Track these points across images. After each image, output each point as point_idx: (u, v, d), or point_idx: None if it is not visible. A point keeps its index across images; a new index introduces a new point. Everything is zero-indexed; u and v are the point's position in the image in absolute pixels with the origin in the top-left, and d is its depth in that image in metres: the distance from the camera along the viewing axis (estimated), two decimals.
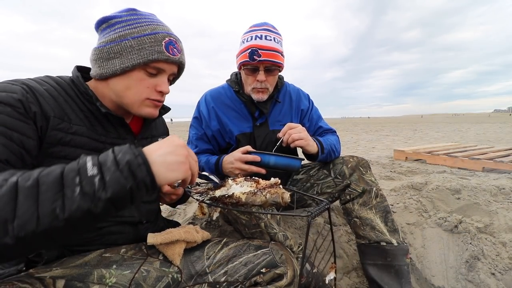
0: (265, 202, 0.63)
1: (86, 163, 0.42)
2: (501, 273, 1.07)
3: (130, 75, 0.66)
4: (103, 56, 0.65)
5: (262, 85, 1.09)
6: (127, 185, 0.42)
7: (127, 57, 0.64)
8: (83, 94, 0.66)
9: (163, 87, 0.70)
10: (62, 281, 0.54)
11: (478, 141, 5.84)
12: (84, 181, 0.40)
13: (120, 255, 0.67)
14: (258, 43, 1.05)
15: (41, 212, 0.38)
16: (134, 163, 0.43)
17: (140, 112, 0.70)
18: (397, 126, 14.74)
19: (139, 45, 0.64)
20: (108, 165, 0.42)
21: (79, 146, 0.61)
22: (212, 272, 0.69)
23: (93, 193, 0.40)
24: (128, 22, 0.66)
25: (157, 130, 0.87)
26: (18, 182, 0.39)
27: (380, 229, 1.02)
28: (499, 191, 1.51)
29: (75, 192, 0.39)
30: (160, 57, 0.66)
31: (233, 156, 1.02)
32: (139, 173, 0.43)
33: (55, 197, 0.39)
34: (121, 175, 0.42)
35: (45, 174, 0.41)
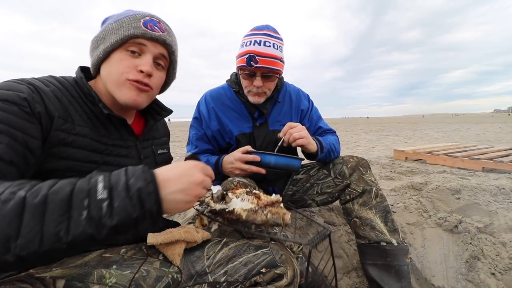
0: (265, 222, 0.63)
1: (98, 184, 0.42)
2: (501, 273, 1.07)
3: (112, 57, 0.66)
4: (93, 46, 0.68)
5: (258, 90, 1.10)
6: (134, 214, 0.42)
7: (108, 40, 0.65)
8: (86, 95, 0.66)
9: (144, 66, 0.65)
10: (62, 281, 0.54)
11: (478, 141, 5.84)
12: (92, 205, 0.40)
13: (120, 255, 0.67)
14: (256, 49, 1.04)
15: (45, 233, 0.37)
16: (145, 191, 0.43)
17: (122, 96, 0.66)
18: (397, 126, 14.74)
19: (118, 25, 0.65)
20: (119, 189, 0.42)
21: (81, 147, 0.61)
22: (212, 272, 0.69)
23: (99, 219, 0.40)
24: (118, 15, 0.68)
25: (159, 132, 0.87)
26: (26, 198, 0.38)
27: (380, 229, 1.02)
28: (499, 191, 1.51)
29: (81, 216, 0.39)
30: (137, 32, 0.64)
31: (233, 156, 1.02)
32: (148, 203, 0.43)
33: (61, 218, 0.38)
34: (130, 203, 0.42)
35: (55, 191, 0.40)
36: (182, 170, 0.51)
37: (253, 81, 1.08)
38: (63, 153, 0.59)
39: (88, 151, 0.62)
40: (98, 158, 0.64)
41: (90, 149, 0.63)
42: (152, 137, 0.82)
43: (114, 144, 0.68)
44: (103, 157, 0.65)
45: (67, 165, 0.59)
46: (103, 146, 0.66)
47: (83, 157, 0.61)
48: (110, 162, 0.67)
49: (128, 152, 0.71)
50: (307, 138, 1.03)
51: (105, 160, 0.66)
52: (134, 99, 0.67)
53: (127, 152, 0.71)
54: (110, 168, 0.66)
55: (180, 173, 0.50)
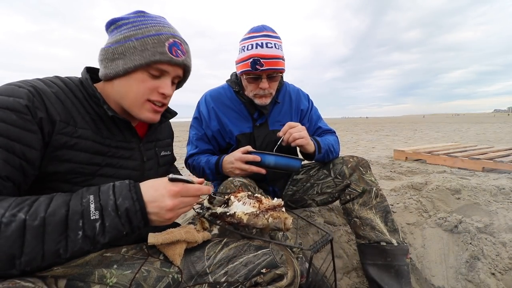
0: (266, 226, 0.63)
1: (90, 205, 0.46)
2: (501, 273, 1.07)
3: (132, 76, 0.65)
4: (108, 56, 0.65)
5: (265, 92, 1.09)
6: (123, 230, 0.48)
7: (130, 58, 0.64)
8: (91, 96, 0.66)
9: (165, 89, 0.68)
10: (63, 281, 0.54)
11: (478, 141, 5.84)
12: (86, 225, 0.45)
13: (121, 255, 0.67)
14: (259, 52, 1.04)
15: (46, 251, 0.42)
16: (132, 210, 0.49)
17: (140, 115, 0.69)
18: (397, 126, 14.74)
19: (142, 46, 0.64)
20: (108, 209, 0.47)
21: (83, 150, 0.61)
22: (213, 273, 0.69)
23: (94, 237, 0.46)
24: (134, 24, 0.66)
25: (162, 134, 0.87)
26: (26, 220, 0.42)
27: (380, 229, 1.02)
28: (499, 191, 1.51)
29: (78, 236, 0.44)
30: (163, 58, 0.65)
31: (233, 156, 1.02)
32: (135, 220, 0.50)
33: (59, 238, 0.43)
34: (120, 221, 0.47)
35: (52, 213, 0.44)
36: (156, 194, 0.54)
37: (259, 84, 1.08)
38: (65, 156, 0.59)
39: (90, 154, 0.62)
40: (101, 160, 0.64)
41: (92, 152, 0.63)
42: (155, 139, 0.82)
43: (117, 146, 0.68)
44: (106, 159, 0.65)
45: (70, 168, 0.59)
46: (106, 148, 0.65)
47: (86, 159, 0.61)
48: (112, 164, 0.67)
49: (131, 154, 0.71)
50: (306, 139, 1.04)
51: (108, 162, 0.66)
52: (152, 119, 0.71)
53: (130, 154, 0.71)
54: (113, 170, 0.66)
55: (153, 196, 0.53)
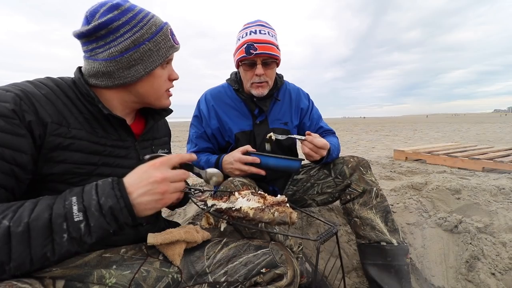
0: (272, 220, 0.63)
1: (72, 206, 0.46)
2: (501, 273, 1.07)
3: (153, 75, 0.69)
4: (123, 66, 0.63)
5: (261, 79, 1.10)
6: (110, 229, 0.48)
7: (149, 61, 0.66)
8: (84, 95, 0.65)
9: (174, 75, 0.75)
10: (61, 282, 0.54)
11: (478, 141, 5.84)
12: (71, 227, 0.45)
13: (120, 255, 0.66)
14: (253, 37, 1.06)
15: (34, 255, 0.43)
16: (117, 207, 0.48)
17: (161, 105, 0.75)
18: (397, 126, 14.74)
19: (156, 46, 0.66)
20: (92, 209, 0.46)
21: (78, 150, 0.60)
22: (212, 272, 0.69)
23: (80, 238, 0.45)
24: (131, 24, 0.63)
25: (159, 132, 0.87)
26: (10, 227, 0.42)
27: (380, 229, 1.02)
28: (499, 191, 1.51)
29: (63, 238, 0.44)
30: (173, 50, 0.71)
31: (233, 157, 1.02)
32: (121, 217, 0.49)
33: (45, 242, 0.43)
34: (105, 220, 0.47)
35: (35, 218, 0.44)
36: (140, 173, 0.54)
37: (255, 70, 1.09)
38: (60, 157, 0.58)
39: (86, 154, 0.62)
40: (97, 160, 0.64)
41: (88, 151, 0.62)
42: (152, 137, 0.82)
43: (112, 144, 0.67)
44: (102, 158, 0.65)
45: (66, 168, 0.58)
46: (102, 148, 0.65)
47: (81, 159, 0.61)
48: (109, 163, 0.66)
49: (127, 152, 0.71)
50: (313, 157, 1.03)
51: (104, 162, 0.65)
52: (169, 104, 0.78)
53: (126, 153, 0.71)
54: (109, 169, 0.66)
55: (139, 177, 0.53)
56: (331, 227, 0.73)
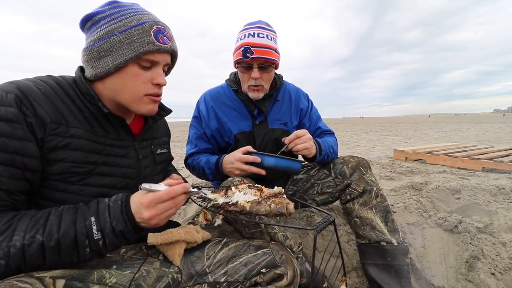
0: (269, 212, 0.63)
1: (92, 227, 0.55)
2: (501, 273, 1.07)
3: (124, 71, 0.64)
4: (93, 55, 0.63)
5: (256, 82, 1.10)
6: (121, 245, 0.59)
7: (118, 53, 0.62)
8: (85, 94, 0.65)
9: (159, 79, 0.68)
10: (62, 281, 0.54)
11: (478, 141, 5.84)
12: (91, 243, 0.55)
13: (120, 255, 0.67)
14: (250, 40, 1.06)
15: (63, 262, 0.53)
16: (125, 231, 0.56)
17: (139, 110, 0.69)
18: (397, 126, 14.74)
19: (128, 38, 0.62)
20: (107, 231, 0.55)
21: (77, 149, 0.60)
22: (212, 272, 0.69)
23: (98, 251, 0.56)
24: (112, 16, 0.63)
25: (158, 132, 0.86)
26: (44, 242, 0.51)
27: (380, 229, 1.02)
28: (499, 191, 1.51)
29: (86, 251, 0.54)
30: (151, 47, 0.63)
31: (234, 156, 1.02)
32: (130, 237, 0.58)
33: (72, 253, 0.53)
34: (117, 239, 0.56)
35: (63, 234, 0.52)
36: (135, 209, 0.57)
37: (250, 73, 1.09)
38: (59, 156, 0.58)
39: (85, 152, 0.62)
40: (96, 159, 0.64)
41: (87, 150, 0.62)
42: (151, 137, 0.82)
43: (111, 144, 0.67)
44: (101, 157, 0.65)
45: (65, 167, 0.59)
46: (101, 147, 0.65)
47: (81, 158, 0.61)
48: (108, 162, 0.66)
49: (126, 152, 0.71)
50: (310, 149, 1.04)
51: (104, 161, 0.65)
52: (152, 110, 0.71)
53: (125, 152, 0.71)
54: (109, 168, 0.66)
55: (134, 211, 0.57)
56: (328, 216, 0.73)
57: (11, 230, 0.50)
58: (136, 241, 0.73)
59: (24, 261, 0.50)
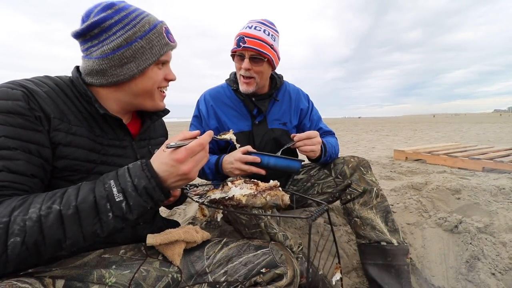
0: (265, 204, 0.64)
1: (112, 189, 0.51)
2: (501, 273, 1.07)
3: (147, 73, 0.68)
4: (115, 63, 0.64)
5: (247, 73, 1.09)
6: (147, 206, 0.53)
7: (142, 59, 0.65)
8: (82, 95, 0.65)
9: (171, 75, 0.74)
10: (61, 281, 0.54)
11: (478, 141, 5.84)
12: (114, 207, 0.50)
13: (119, 256, 0.66)
14: (246, 31, 1.08)
15: (85, 233, 0.48)
16: (149, 187, 0.52)
17: (156, 107, 0.74)
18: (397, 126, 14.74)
19: (148, 43, 0.66)
20: (129, 190, 0.51)
21: (79, 147, 0.61)
22: (212, 272, 0.69)
23: (123, 216, 0.51)
24: (123, 22, 0.63)
25: (156, 132, 0.87)
26: (62, 210, 0.47)
27: (380, 229, 1.02)
28: (499, 191, 1.51)
29: (109, 217, 0.50)
30: (168, 48, 0.69)
31: (233, 156, 1.02)
32: (155, 195, 0.53)
33: (94, 221, 0.49)
34: (141, 199, 0.52)
35: (82, 201, 0.49)
36: (169, 170, 0.54)
37: (242, 63, 1.10)
38: (63, 153, 0.58)
39: (86, 150, 0.62)
40: (96, 158, 0.64)
41: (88, 148, 0.63)
42: (148, 137, 0.82)
43: (109, 144, 0.68)
44: (100, 157, 0.65)
45: (67, 164, 0.59)
46: (99, 146, 0.65)
47: (82, 156, 0.61)
48: (107, 161, 0.67)
49: (124, 152, 0.71)
50: (315, 152, 1.04)
51: (103, 160, 0.66)
52: (163, 106, 0.77)
53: (123, 152, 0.71)
54: (108, 168, 0.66)
55: (168, 173, 0.54)
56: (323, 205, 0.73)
57: (27, 204, 0.47)
58: (134, 239, 0.73)
59: (42, 235, 0.45)
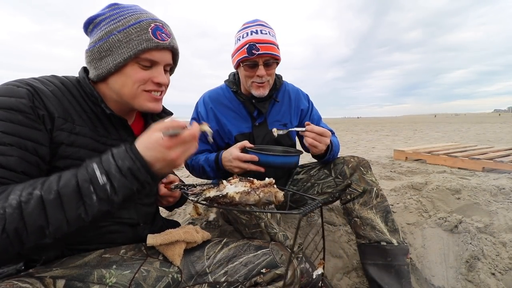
0: (258, 201, 0.63)
1: (95, 171, 0.49)
2: (501, 273, 1.07)
3: (124, 71, 0.64)
4: (95, 56, 0.64)
5: (262, 80, 1.09)
6: (133, 187, 0.50)
7: (118, 52, 0.62)
8: (88, 95, 0.66)
9: (159, 78, 0.67)
10: (62, 281, 0.54)
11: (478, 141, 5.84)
12: (97, 189, 0.48)
13: (120, 256, 0.67)
14: (254, 37, 1.06)
15: (69, 217, 0.46)
16: (134, 168, 0.50)
17: (142, 106, 0.68)
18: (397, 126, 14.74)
19: (126, 37, 0.62)
20: (113, 172, 0.49)
21: (82, 147, 0.61)
22: (212, 272, 0.69)
23: (108, 198, 0.48)
24: (112, 17, 0.64)
25: None
26: (43, 196, 0.45)
27: (380, 229, 1.02)
28: (499, 191, 1.51)
29: (93, 200, 0.47)
30: (150, 45, 0.63)
31: (231, 155, 1.02)
32: (141, 176, 0.51)
33: (77, 205, 0.47)
34: (126, 180, 0.49)
35: (63, 185, 0.47)
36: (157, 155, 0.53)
37: (256, 71, 1.08)
38: (66, 152, 0.59)
39: (89, 150, 0.62)
40: None
41: (91, 148, 0.63)
42: None
43: (113, 144, 0.68)
44: None
45: (69, 164, 0.59)
46: (102, 146, 0.65)
47: (85, 156, 0.61)
48: None
49: None
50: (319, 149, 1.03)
51: None
52: (154, 108, 0.70)
53: None
54: None
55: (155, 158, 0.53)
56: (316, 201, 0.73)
57: (6, 193, 0.45)
58: (134, 240, 0.73)
59: (23, 222, 0.43)
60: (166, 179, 0.86)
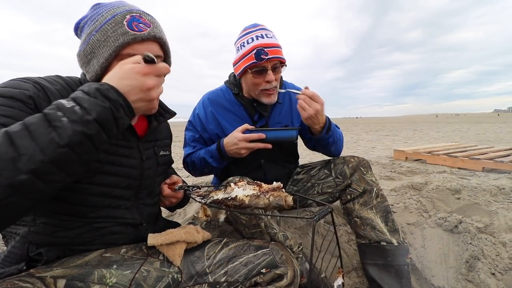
0: (268, 205, 0.63)
1: (60, 101, 0.46)
2: (501, 273, 1.07)
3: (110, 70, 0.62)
4: (83, 61, 0.65)
5: (271, 85, 1.07)
6: (106, 105, 0.47)
7: (99, 53, 0.61)
8: None
9: None
10: (63, 281, 0.54)
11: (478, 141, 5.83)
12: (67, 113, 0.45)
13: (120, 255, 0.67)
14: (261, 42, 1.03)
15: (41, 144, 0.42)
16: (102, 88, 0.48)
17: None
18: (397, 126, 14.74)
19: (103, 35, 0.60)
20: (80, 96, 0.47)
21: None
22: (212, 272, 0.69)
23: (80, 118, 0.45)
24: (92, 18, 0.63)
25: (161, 134, 0.86)
26: (8, 130, 0.43)
27: (380, 229, 1.02)
28: (499, 191, 1.51)
29: (63, 122, 0.44)
30: (126, 38, 0.59)
31: (236, 137, 1.01)
32: (111, 95, 0.48)
33: (47, 130, 0.43)
34: (97, 100, 0.46)
35: (29, 119, 0.44)
36: (133, 83, 0.51)
37: (265, 77, 1.05)
38: None
39: None
40: (103, 157, 0.64)
41: None
42: (154, 139, 0.82)
43: (117, 144, 0.68)
44: (107, 156, 0.65)
45: None
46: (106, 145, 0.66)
47: None
48: (113, 161, 0.67)
49: (130, 152, 0.71)
50: (309, 115, 0.99)
51: (109, 159, 0.66)
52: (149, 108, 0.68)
53: (130, 153, 0.71)
54: (114, 168, 0.67)
55: (131, 86, 0.51)
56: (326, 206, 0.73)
57: None
58: (136, 240, 0.73)
59: None
60: (169, 180, 0.86)
